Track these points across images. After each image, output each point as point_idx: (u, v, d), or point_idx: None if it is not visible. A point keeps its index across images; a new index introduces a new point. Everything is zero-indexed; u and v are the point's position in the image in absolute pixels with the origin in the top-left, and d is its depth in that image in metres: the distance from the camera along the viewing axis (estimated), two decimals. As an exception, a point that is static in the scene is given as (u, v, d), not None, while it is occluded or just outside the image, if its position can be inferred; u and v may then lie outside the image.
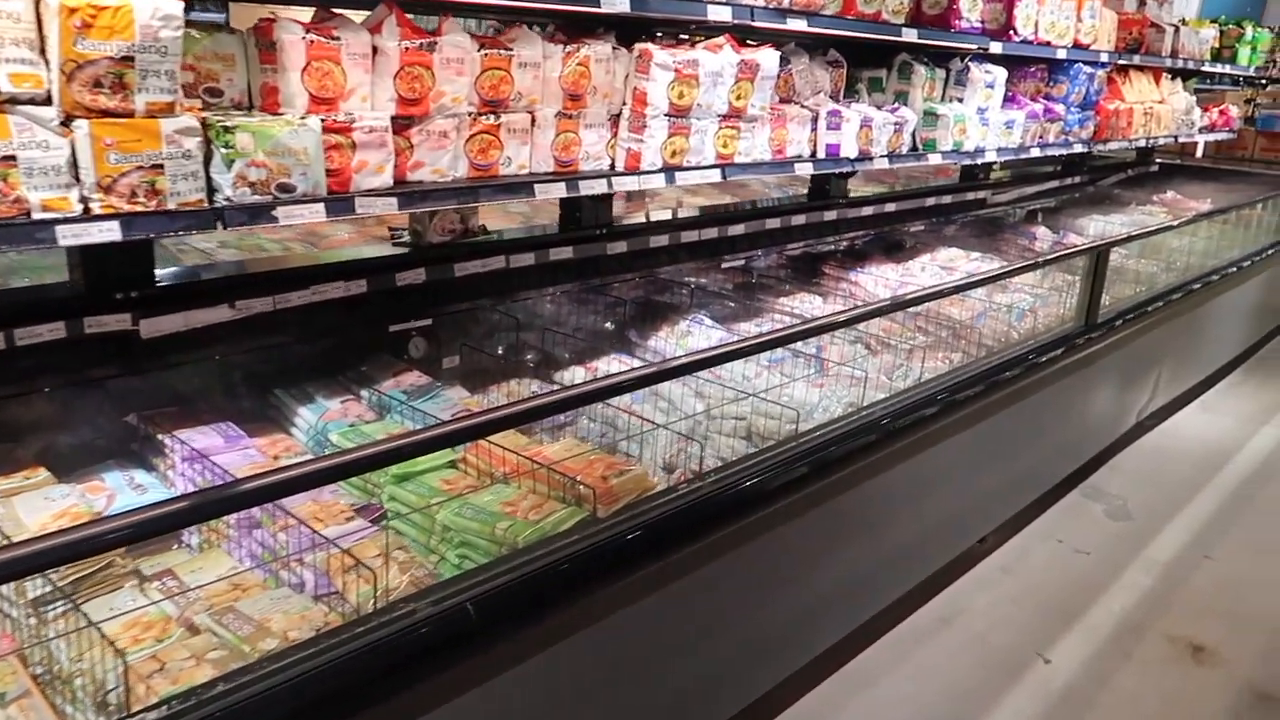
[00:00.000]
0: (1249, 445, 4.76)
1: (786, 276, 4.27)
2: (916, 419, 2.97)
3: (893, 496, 2.99)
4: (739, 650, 2.50)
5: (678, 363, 2.25)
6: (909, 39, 3.31)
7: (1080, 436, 4.08)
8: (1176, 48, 5.38)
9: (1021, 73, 4.49)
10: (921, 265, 4.41)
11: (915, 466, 3.04)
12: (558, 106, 2.53)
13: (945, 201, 4.91)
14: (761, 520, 2.41)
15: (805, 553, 2.66)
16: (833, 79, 3.67)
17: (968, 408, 3.22)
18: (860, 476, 2.79)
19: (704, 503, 2.21)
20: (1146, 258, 5.05)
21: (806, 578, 2.71)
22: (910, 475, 3.02)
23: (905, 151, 3.62)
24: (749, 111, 2.85)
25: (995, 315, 3.76)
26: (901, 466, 2.98)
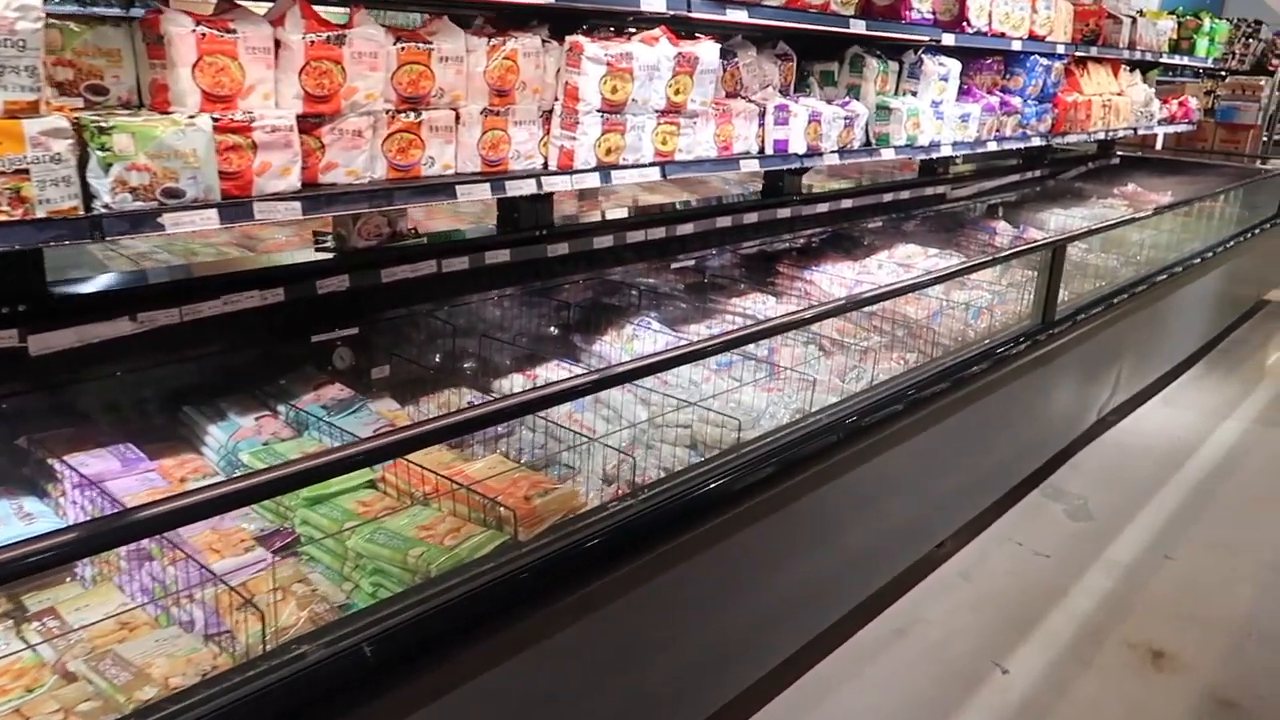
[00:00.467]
0: (1211, 439, 4.72)
1: (740, 276, 4.17)
2: (870, 423, 2.88)
3: (846, 504, 2.89)
4: (685, 670, 2.39)
5: (613, 372, 2.14)
6: (857, 30, 3.21)
7: (1040, 436, 4.01)
8: (1134, 39, 5.33)
9: (977, 65, 4.40)
10: (878, 263, 4.32)
11: (870, 472, 2.94)
12: (484, 103, 2.40)
13: (904, 197, 4.82)
14: (702, 536, 2.30)
15: (754, 566, 2.56)
16: (782, 72, 3.56)
17: (923, 410, 3.13)
18: (811, 485, 2.69)
19: (638, 520, 2.09)
20: (1106, 252, 5.00)
21: (757, 591, 2.60)
22: (865, 481, 2.93)
23: (857, 147, 3.52)
24: (689, 107, 2.73)
25: (951, 313, 3.67)
26: (855, 472, 2.88)
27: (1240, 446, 4.66)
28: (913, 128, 3.72)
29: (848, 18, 3.22)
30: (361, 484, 2.16)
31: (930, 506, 3.39)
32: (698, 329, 3.61)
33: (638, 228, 3.41)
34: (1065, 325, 3.71)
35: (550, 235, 3.11)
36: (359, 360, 2.69)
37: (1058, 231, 5.65)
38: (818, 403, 3.07)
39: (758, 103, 3.27)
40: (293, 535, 2.02)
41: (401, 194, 2.19)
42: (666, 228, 3.52)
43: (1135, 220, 4.31)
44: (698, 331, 3.60)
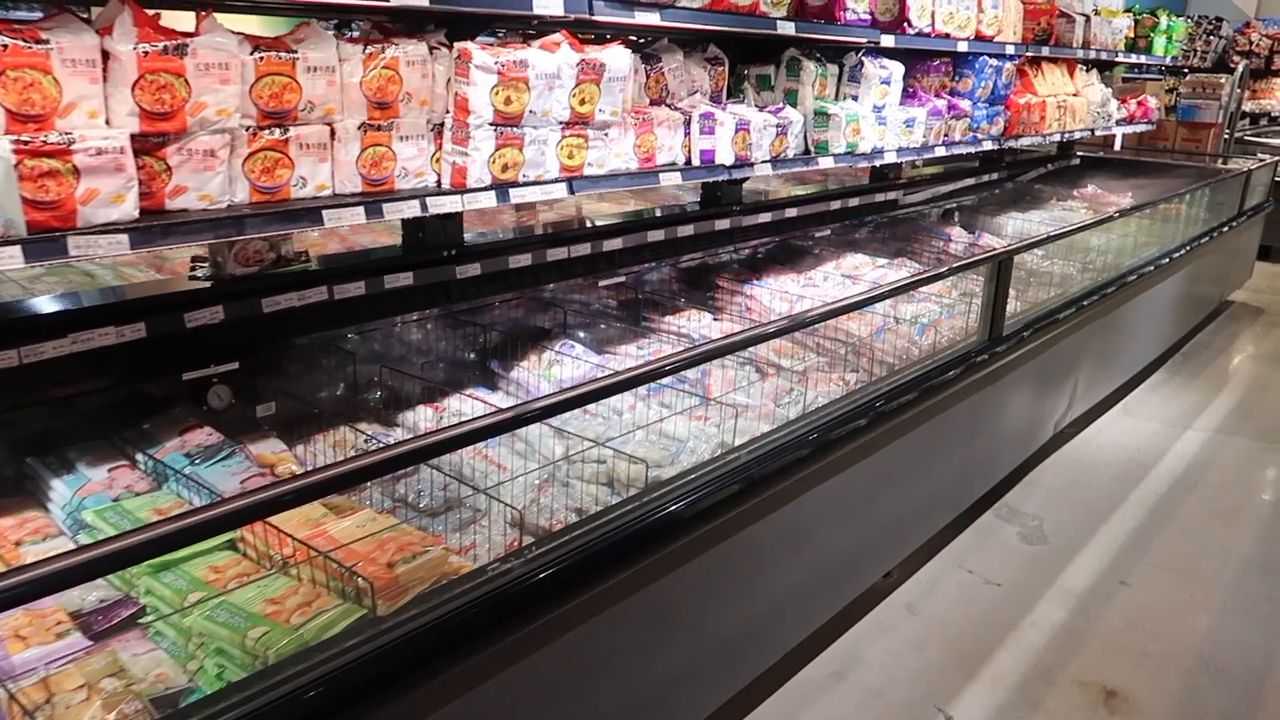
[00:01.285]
0: (1171, 451, 4.57)
1: (677, 291, 3.97)
2: (807, 452, 2.69)
3: (782, 540, 2.70)
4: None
5: (506, 416, 1.92)
6: (786, 33, 3.01)
7: (993, 455, 3.84)
8: (1089, 38, 5.18)
9: (924, 67, 4.23)
10: (824, 274, 4.14)
11: (807, 504, 2.76)
12: (362, 116, 2.18)
13: (853, 204, 4.64)
14: (611, 590, 2.09)
15: (676, 616, 2.36)
16: (713, 78, 3.37)
17: (866, 434, 2.94)
18: (741, 522, 2.49)
19: (526, 582, 1.88)
20: (1063, 258, 4.84)
21: (680, 642, 2.40)
22: (802, 514, 2.74)
23: (792, 155, 3.33)
24: (598, 117, 2.52)
25: (896, 330, 3.49)
26: (791, 506, 2.69)
27: (1201, 458, 4.51)
28: (853, 134, 3.53)
29: (776, 19, 3.03)
30: (219, 544, 1.93)
31: (876, 536, 3.20)
32: (628, 350, 3.41)
33: (560, 244, 3.20)
34: (1014, 340, 3.53)
35: (460, 255, 2.89)
36: (240, 398, 2.46)
37: (1015, 237, 5.50)
38: (751, 430, 2.88)
39: (683, 111, 3.07)
40: (137, 607, 1.80)
41: (259, 220, 1.96)
42: (593, 244, 3.31)
43: (1087, 228, 4.14)
44: (627, 353, 3.39)
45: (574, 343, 3.15)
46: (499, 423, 1.89)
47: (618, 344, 3.44)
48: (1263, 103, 10.55)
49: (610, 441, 2.71)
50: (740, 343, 2.51)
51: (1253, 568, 3.54)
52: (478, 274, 2.93)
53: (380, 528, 1.89)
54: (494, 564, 1.89)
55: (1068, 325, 4.15)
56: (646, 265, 3.76)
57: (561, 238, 3.24)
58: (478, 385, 2.98)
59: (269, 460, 2.34)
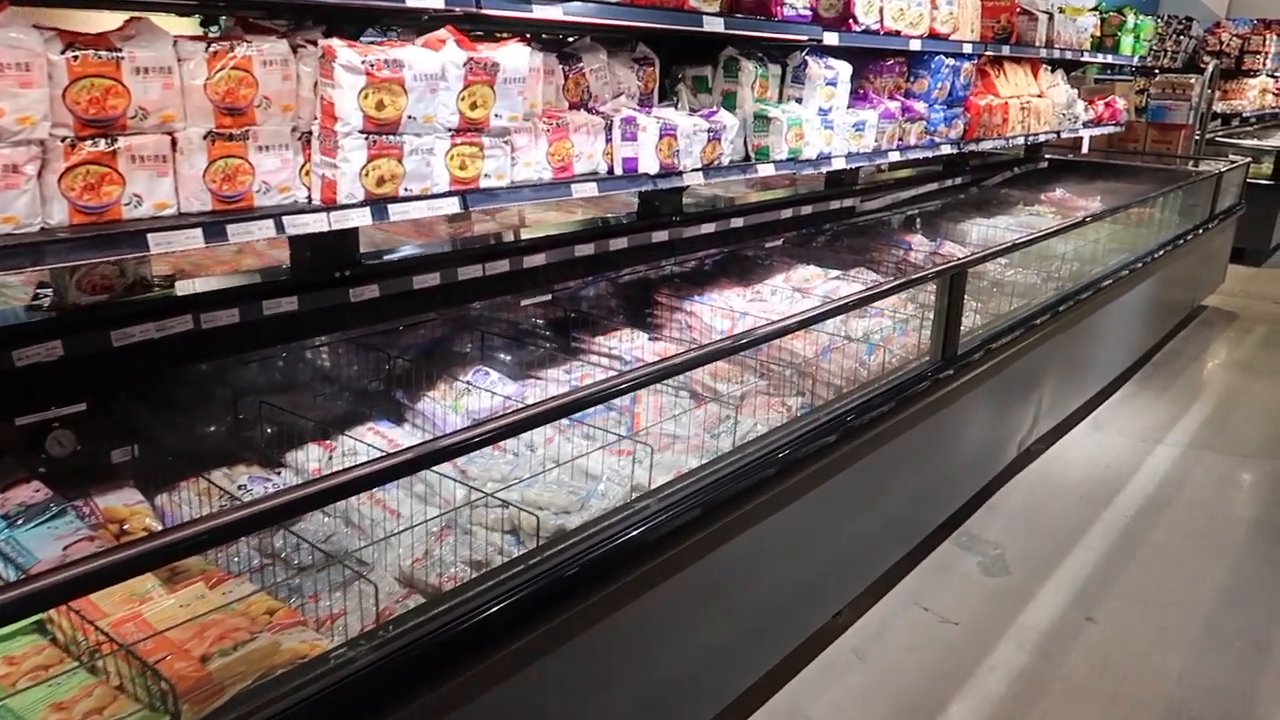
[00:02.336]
0: (1142, 469, 4.35)
1: (614, 309, 3.71)
2: (744, 488, 2.44)
3: (715, 586, 2.44)
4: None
5: (386, 465, 1.66)
6: (714, 29, 2.76)
7: (951, 480, 3.59)
8: (1052, 37, 4.97)
9: (876, 68, 3.99)
10: (772, 288, 3.89)
11: (746, 544, 2.50)
12: (209, 124, 1.91)
13: (806, 213, 4.39)
14: (501, 662, 1.83)
15: (589, 680, 2.09)
16: (642, 79, 3.11)
17: (808, 467, 2.69)
18: (669, 569, 2.24)
19: (390, 663, 1.61)
20: (1026, 267, 4.62)
21: (595, 708, 2.13)
22: (740, 556, 2.49)
23: (727, 163, 3.07)
24: (494, 123, 2.25)
25: (843, 349, 3.24)
26: (726, 548, 2.44)
27: (1172, 476, 4.29)
28: (796, 139, 3.28)
29: (704, 15, 2.77)
30: (28, 624, 1.65)
31: (822, 575, 2.94)
32: (553, 374, 3.14)
33: (474, 261, 2.92)
34: (970, 359, 3.29)
35: (354, 277, 2.62)
36: (91, 443, 2.18)
37: (979, 244, 5.28)
38: (679, 465, 2.63)
39: (604, 115, 2.82)
40: (-84, 705, 1.51)
41: (75, 246, 1.68)
42: (512, 260, 3.04)
43: (1050, 236, 3.91)
44: (553, 377, 3.13)
45: (489, 369, 2.88)
46: (363, 477, 1.62)
47: (541, 368, 3.17)
48: (1233, 103, 10.42)
49: (519, 482, 2.45)
50: (658, 374, 2.25)
51: (1226, 600, 3.31)
52: (376, 296, 2.66)
53: (208, 607, 1.61)
54: (359, 640, 1.61)
55: (1032, 339, 3.92)
56: (578, 281, 3.50)
57: (476, 253, 2.97)
58: (380, 419, 2.70)
59: (119, 515, 2.06)
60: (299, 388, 2.71)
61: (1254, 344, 6.50)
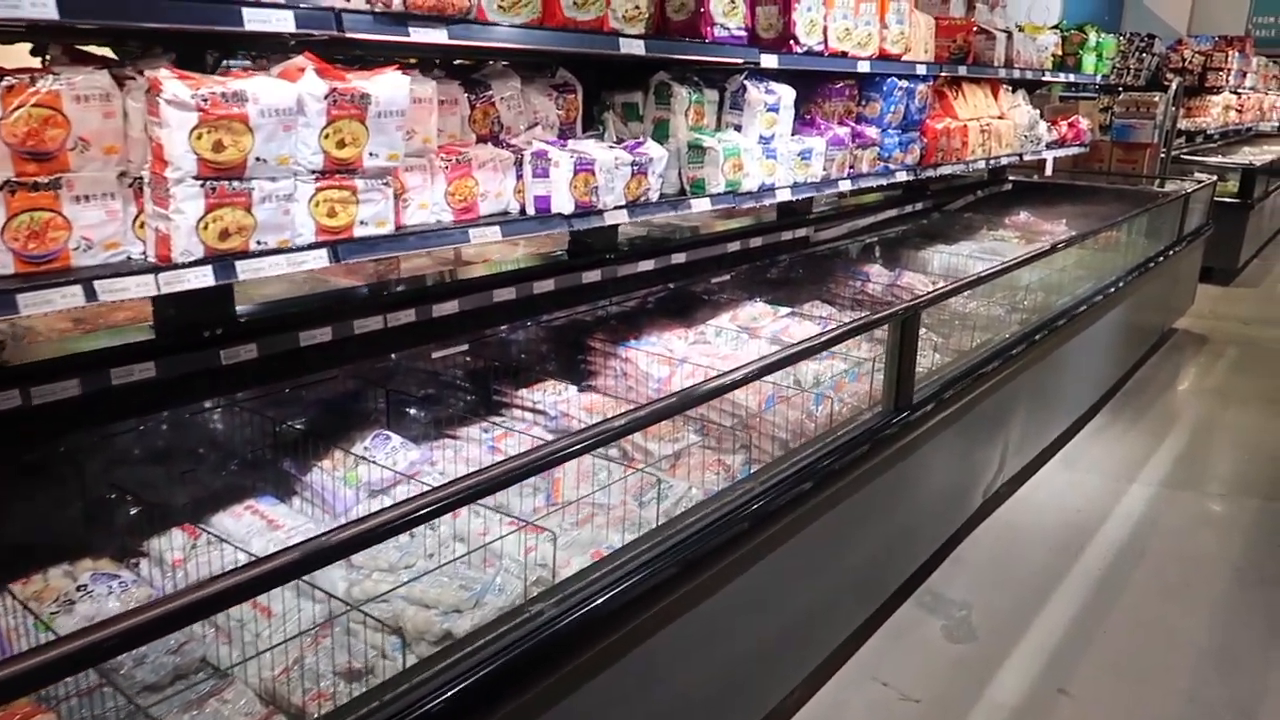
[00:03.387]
0: (1114, 513, 4.10)
1: (545, 355, 3.42)
2: (681, 563, 2.16)
3: (647, 680, 2.14)
4: None
5: (240, 579, 1.37)
6: (632, 52, 2.49)
7: (912, 537, 3.32)
8: (1011, 56, 4.76)
9: (824, 91, 3.75)
10: (717, 328, 3.62)
11: (685, 628, 2.23)
12: (7, 172, 1.60)
13: (755, 245, 4.13)
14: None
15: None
16: (563, 107, 2.84)
17: (756, 536, 2.42)
18: (581, 675, 1.94)
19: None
20: (989, 298, 4.38)
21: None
22: (678, 643, 2.21)
23: (657, 199, 2.80)
24: (369, 162, 1.96)
25: (789, 399, 2.96)
26: (665, 632, 2.16)
27: (1147, 519, 4.04)
28: (734, 170, 3.02)
29: (619, 36, 2.50)
30: None
31: (773, 652, 2.65)
32: (469, 433, 2.84)
33: (373, 312, 2.62)
34: (927, 407, 3.02)
35: (229, 336, 2.31)
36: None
37: (941, 273, 5.05)
38: (601, 543, 2.34)
39: (515, 148, 2.53)
40: None
41: None
42: (419, 309, 2.74)
43: (1010, 269, 3.66)
44: (468, 437, 2.83)
45: (390, 434, 2.57)
46: (242, 582, 1.34)
47: (456, 427, 2.87)
48: (1198, 120, 10.34)
49: (409, 569, 2.15)
50: (564, 453, 1.95)
51: (1209, 664, 3.06)
52: (254, 357, 2.35)
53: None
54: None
55: (996, 377, 3.67)
56: (503, 328, 3.20)
57: (379, 302, 2.68)
58: (262, 495, 2.39)
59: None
60: (168, 463, 2.39)
61: (1225, 368, 6.31)
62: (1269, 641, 3.19)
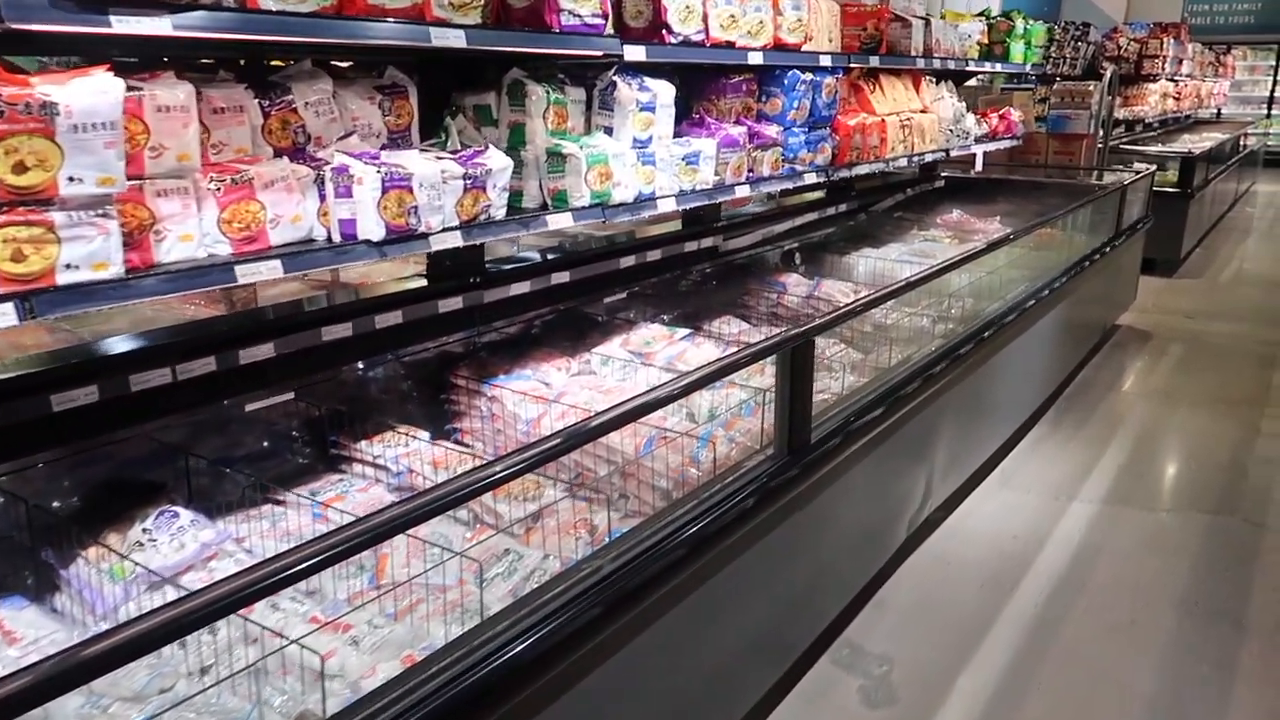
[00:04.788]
0: (1053, 537, 3.77)
1: (404, 394, 3.00)
2: (534, 657, 1.77)
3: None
4: None
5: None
6: (449, 44, 2.07)
7: (820, 588, 2.95)
8: (930, 45, 4.42)
9: (717, 87, 3.37)
10: (604, 356, 3.22)
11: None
12: None
13: (654, 259, 3.74)
14: None
15: None
16: (391, 112, 2.42)
17: (616, 620, 2.02)
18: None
19: None
20: (913, 307, 4.04)
21: None
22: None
23: (502, 216, 2.39)
24: (67, 190, 1.53)
25: (670, 442, 2.57)
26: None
27: (1088, 544, 3.72)
28: (601, 179, 2.62)
29: (439, 26, 2.09)
30: None
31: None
32: (295, 498, 2.42)
33: (157, 364, 2.19)
34: (831, 443, 2.65)
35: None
36: None
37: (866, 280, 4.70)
38: (424, 640, 1.93)
39: (315, 163, 2.12)
40: None
41: None
42: (221, 355, 2.31)
43: (930, 278, 3.30)
44: (295, 500, 2.41)
45: (177, 510, 2.14)
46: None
47: (283, 490, 2.44)
48: (1135, 109, 10.17)
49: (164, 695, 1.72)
50: (360, 538, 1.54)
51: (1156, 716, 2.72)
52: None
53: None
54: None
55: (919, 399, 3.31)
56: (355, 366, 2.78)
57: (164, 351, 2.24)
58: (8, 596, 1.95)
59: None
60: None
61: (1170, 366, 6.05)
62: (1220, 687, 2.87)
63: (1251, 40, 18.23)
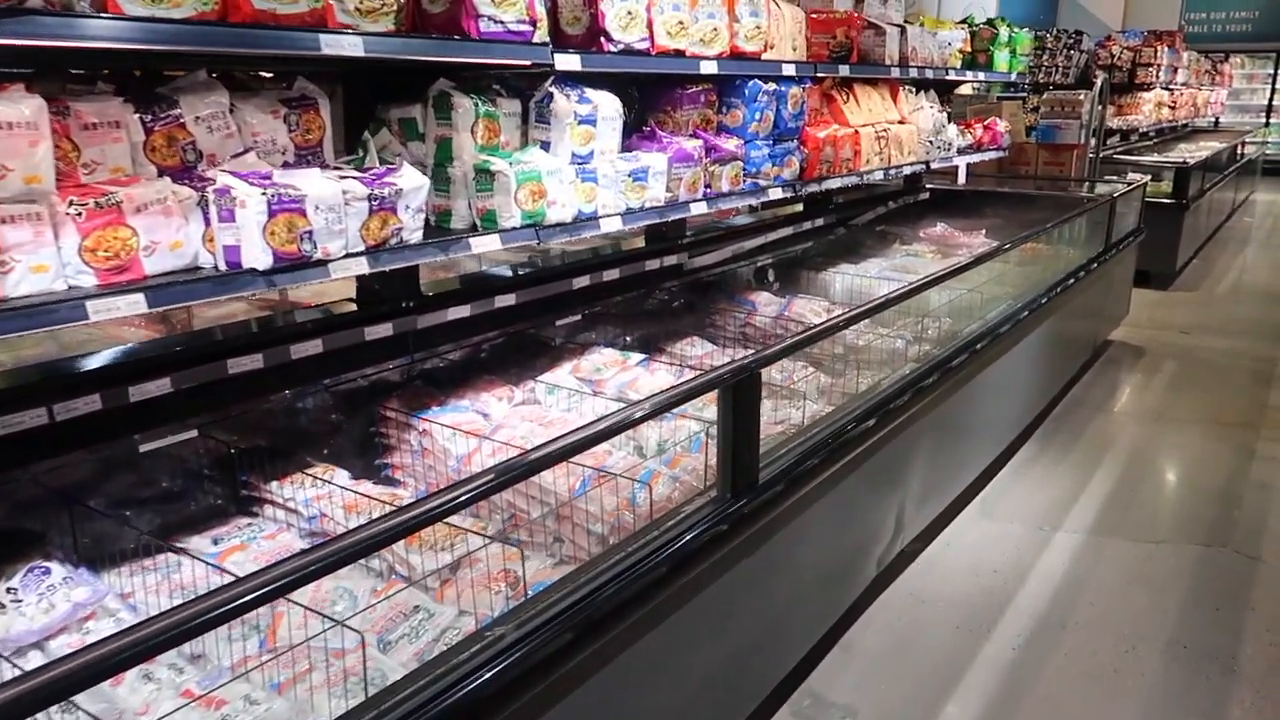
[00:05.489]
0: (1035, 572, 3.56)
1: (333, 427, 2.80)
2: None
3: None
4: None
5: None
6: (342, 52, 1.88)
7: (778, 635, 2.74)
8: (906, 54, 4.24)
9: (672, 98, 3.18)
10: (550, 385, 3.03)
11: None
12: None
13: (611, 278, 3.54)
14: None
15: None
16: (299, 127, 2.23)
17: (554, 672, 1.83)
18: None
19: None
20: (888, 326, 3.84)
21: None
22: None
23: (417, 240, 2.20)
24: None
25: (607, 482, 2.37)
26: None
27: (1071, 579, 3.51)
28: (533, 199, 2.43)
29: (318, 33, 1.89)
30: None
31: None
32: (196, 545, 2.22)
33: (34, 403, 1.99)
34: (779, 486, 2.44)
35: None
36: None
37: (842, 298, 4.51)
38: (306, 717, 1.73)
39: (204, 183, 1.93)
40: None
41: None
42: (109, 393, 2.11)
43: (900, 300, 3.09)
44: (196, 548, 2.21)
45: (49, 565, 1.94)
46: None
47: (183, 535, 2.25)
48: (1130, 118, 9.99)
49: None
50: (238, 601, 1.34)
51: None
52: None
53: None
54: None
55: (891, 427, 3.11)
56: (260, 402, 2.58)
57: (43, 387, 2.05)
58: None
59: None
60: None
61: (1163, 385, 5.85)
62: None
63: (1249, 48, 18.08)
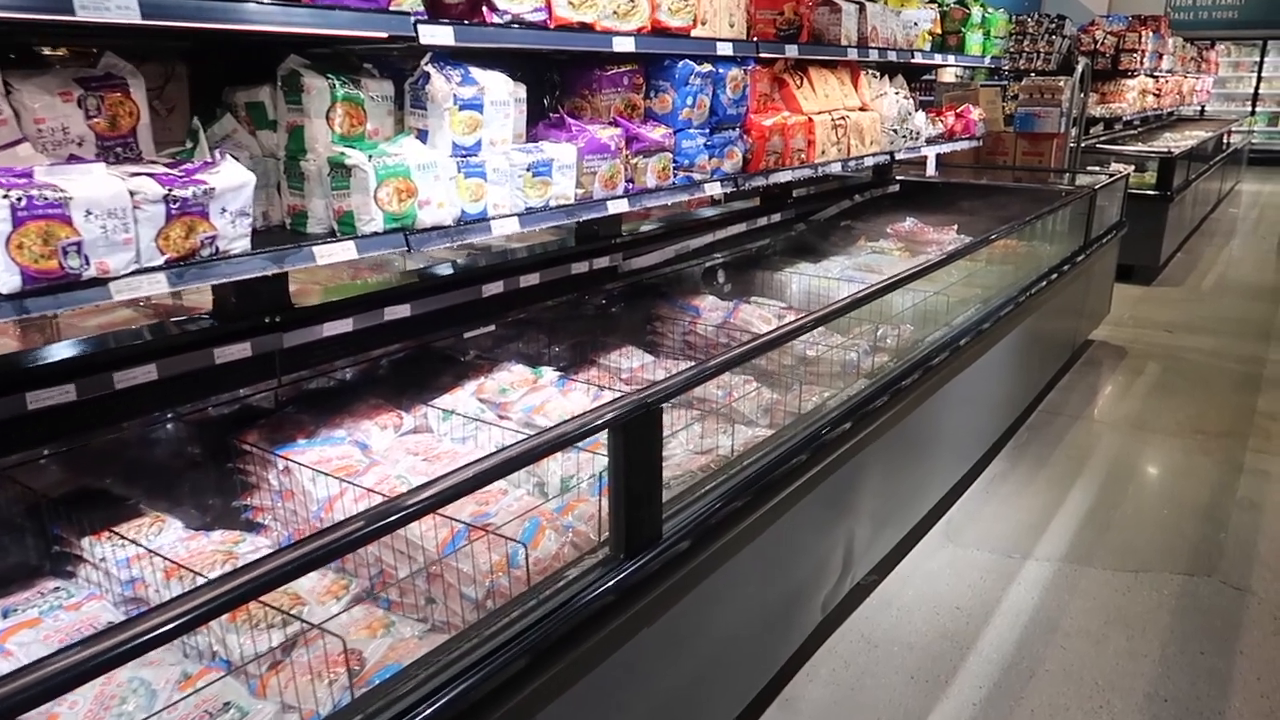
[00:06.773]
0: (1002, 608, 3.22)
1: (184, 463, 2.42)
2: None
3: None
4: None
5: None
6: (107, 18, 1.49)
7: (704, 698, 2.38)
8: (865, 34, 3.86)
9: (592, 80, 2.80)
10: (445, 410, 2.65)
11: None
12: None
13: (531, 283, 3.16)
14: None
15: None
16: (100, 112, 1.84)
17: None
18: None
19: None
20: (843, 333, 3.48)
21: None
22: None
23: (242, 250, 1.82)
24: None
25: (486, 531, 2.00)
26: None
27: (1043, 616, 3.17)
28: (400, 198, 2.05)
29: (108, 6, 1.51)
30: None
31: None
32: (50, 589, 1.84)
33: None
34: (688, 540, 2.07)
35: None
36: None
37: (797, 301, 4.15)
38: None
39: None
40: None
41: None
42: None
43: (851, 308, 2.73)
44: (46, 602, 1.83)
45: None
46: None
47: None
48: (1113, 106, 9.64)
49: None
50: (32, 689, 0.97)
51: None
52: None
53: None
54: None
55: (839, 452, 2.76)
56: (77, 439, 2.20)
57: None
58: None
59: None
60: None
61: (1146, 389, 5.52)
62: (1193, 820, 2.32)
63: (1235, 36, 17.78)
